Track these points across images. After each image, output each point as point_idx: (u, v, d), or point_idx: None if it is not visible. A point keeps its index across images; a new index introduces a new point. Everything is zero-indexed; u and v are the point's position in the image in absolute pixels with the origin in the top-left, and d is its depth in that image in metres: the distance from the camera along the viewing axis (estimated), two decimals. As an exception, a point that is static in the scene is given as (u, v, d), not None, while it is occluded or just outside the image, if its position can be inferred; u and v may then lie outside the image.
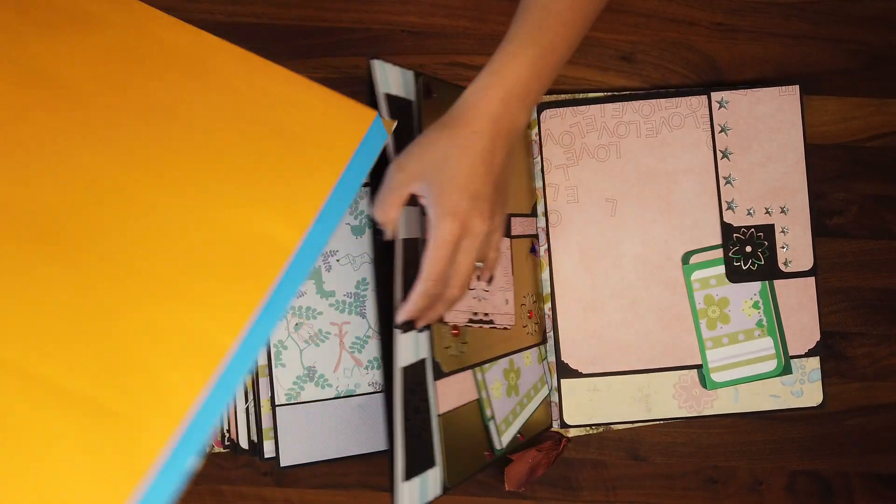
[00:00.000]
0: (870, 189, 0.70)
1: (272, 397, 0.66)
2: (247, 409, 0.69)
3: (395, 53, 0.70)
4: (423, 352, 0.54)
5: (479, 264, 0.57)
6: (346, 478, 0.71)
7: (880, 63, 0.71)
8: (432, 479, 0.54)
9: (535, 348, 0.69)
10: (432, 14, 0.70)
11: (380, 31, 0.70)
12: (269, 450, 0.68)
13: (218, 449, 0.70)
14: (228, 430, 0.69)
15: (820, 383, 0.70)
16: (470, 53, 0.70)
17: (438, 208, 0.48)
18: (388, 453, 0.53)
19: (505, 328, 0.64)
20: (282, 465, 0.67)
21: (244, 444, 0.69)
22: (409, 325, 0.52)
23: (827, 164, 0.70)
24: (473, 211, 0.48)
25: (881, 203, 0.70)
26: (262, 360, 0.68)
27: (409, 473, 0.52)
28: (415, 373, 0.53)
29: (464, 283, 0.51)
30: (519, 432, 0.65)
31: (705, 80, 0.71)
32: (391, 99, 0.55)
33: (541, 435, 0.70)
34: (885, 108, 0.70)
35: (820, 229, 0.70)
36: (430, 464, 0.54)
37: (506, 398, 0.64)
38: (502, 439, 0.63)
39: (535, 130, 0.70)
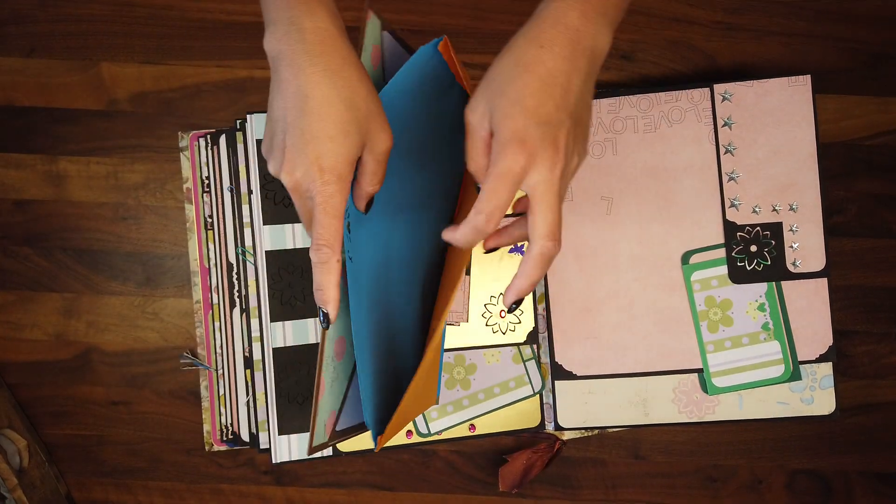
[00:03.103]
0: (870, 188, 0.70)
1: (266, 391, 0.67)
2: (247, 402, 0.69)
3: (394, 52, 0.70)
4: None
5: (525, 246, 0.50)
6: (345, 476, 0.71)
7: (881, 62, 0.70)
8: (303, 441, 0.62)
9: (511, 348, 0.68)
10: (432, 13, 0.70)
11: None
12: (264, 441, 0.68)
13: (218, 448, 0.70)
14: (230, 424, 0.69)
15: (832, 390, 0.67)
16: (470, 52, 0.70)
17: (502, 134, 0.40)
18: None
19: (449, 324, 0.66)
20: (274, 462, 0.67)
21: (245, 436, 0.69)
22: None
23: (827, 163, 0.70)
24: (545, 139, 0.40)
25: (881, 202, 0.70)
26: (258, 356, 0.68)
27: (283, 430, 0.62)
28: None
29: (554, 232, 0.43)
30: (470, 423, 0.69)
31: (706, 78, 0.71)
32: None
33: (531, 435, 0.70)
34: (886, 107, 0.70)
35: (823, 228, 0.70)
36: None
37: (445, 390, 0.68)
38: (431, 426, 0.68)
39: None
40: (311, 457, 0.68)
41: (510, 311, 0.46)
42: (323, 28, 0.40)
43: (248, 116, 0.66)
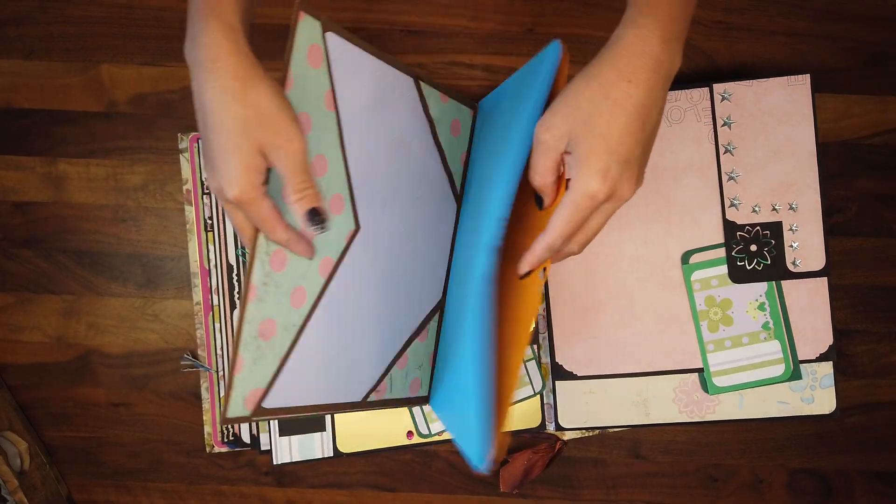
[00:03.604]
0: (870, 187, 0.70)
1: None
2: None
3: (394, 52, 0.70)
4: None
5: None
6: (346, 477, 0.71)
7: (880, 61, 0.70)
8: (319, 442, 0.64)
9: None
10: (432, 14, 0.70)
11: (379, 31, 0.70)
12: (265, 442, 0.68)
13: (219, 449, 0.70)
14: (231, 426, 0.69)
15: (833, 389, 0.68)
16: (470, 53, 0.70)
17: (587, 168, 0.43)
18: None
19: None
20: (275, 463, 0.67)
21: (246, 438, 0.69)
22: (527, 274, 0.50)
23: (827, 163, 0.70)
24: (623, 175, 0.44)
25: (881, 201, 0.70)
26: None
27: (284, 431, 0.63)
28: None
29: (588, 242, 0.48)
30: None
31: (705, 77, 0.71)
32: None
33: (532, 435, 0.70)
34: (885, 106, 0.70)
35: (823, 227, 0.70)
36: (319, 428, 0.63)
37: None
38: (432, 427, 0.68)
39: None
40: (310, 458, 0.68)
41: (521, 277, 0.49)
42: (215, 43, 0.41)
43: (247, 118, 0.66)
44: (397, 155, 0.58)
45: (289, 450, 0.68)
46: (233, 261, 0.69)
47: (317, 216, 0.47)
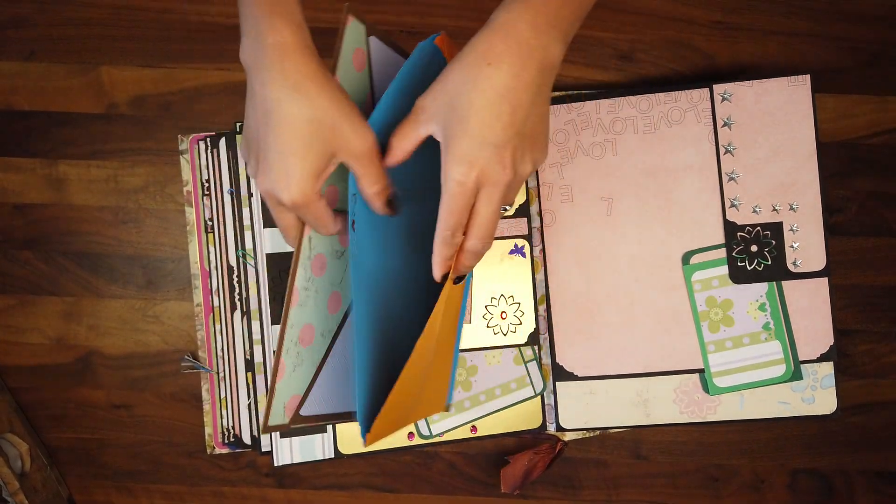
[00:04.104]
0: (870, 187, 0.70)
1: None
2: (249, 405, 0.69)
3: (394, 54, 0.70)
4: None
5: (507, 208, 0.53)
6: (347, 478, 0.71)
7: (880, 60, 0.70)
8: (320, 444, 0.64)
9: (512, 349, 0.68)
10: (431, 14, 0.70)
11: (379, 32, 0.70)
12: (266, 444, 0.68)
13: (220, 450, 0.70)
14: (232, 427, 0.69)
15: (834, 390, 0.67)
16: (469, 53, 0.70)
17: (450, 155, 0.42)
18: None
19: None
20: (276, 465, 0.67)
21: (246, 439, 0.69)
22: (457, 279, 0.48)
23: (827, 162, 0.70)
24: (492, 159, 0.42)
25: (881, 201, 0.70)
26: (259, 358, 0.68)
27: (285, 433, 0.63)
28: None
29: (487, 234, 0.46)
30: (472, 424, 0.69)
31: (705, 78, 0.71)
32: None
33: (532, 436, 0.70)
34: (885, 106, 0.70)
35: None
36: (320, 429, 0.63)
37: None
38: (433, 428, 0.68)
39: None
40: (310, 459, 0.68)
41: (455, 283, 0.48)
42: (284, 43, 0.41)
43: (247, 119, 0.66)
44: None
45: (290, 451, 0.68)
46: (233, 262, 0.69)
47: (394, 202, 0.48)
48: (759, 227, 0.68)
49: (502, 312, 0.69)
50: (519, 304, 0.69)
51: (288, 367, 0.49)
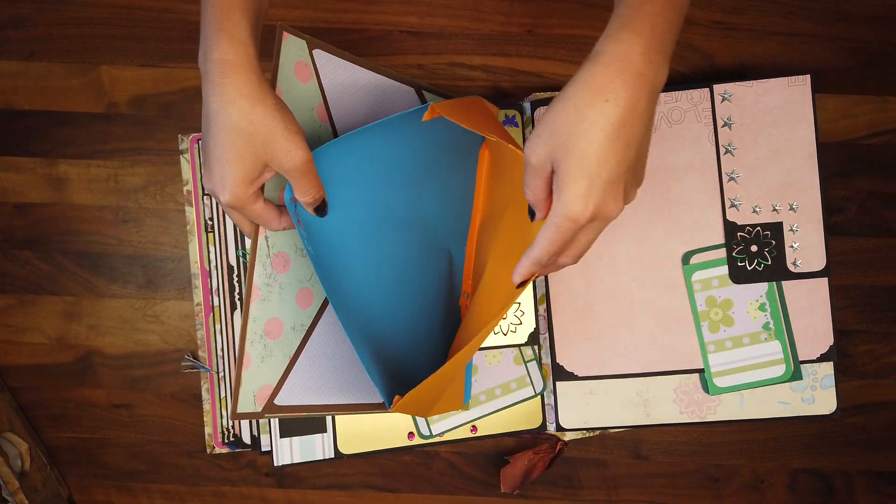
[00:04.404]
0: (870, 187, 0.70)
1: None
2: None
3: (395, 53, 0.70)
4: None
5: None
6: (347, 478, 0.71)
7: (880, 60, 0.70)
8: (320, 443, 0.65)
9: (512, 349, 0.68)
10: (432, 14, 0.70)
11: (380, 32, 0.70)
12: (266, 443, 0.68)
13: (220, 450, 0.70)
14: (232, 427, 0.69)
15: (833, 390, 0.67)
16: (470, 53, 0.70)
17: (567, 193, 0.43)
18: None
19: None
20: (276, 465, 0.67)
21: (246, 439, 0.69)
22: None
23: (827, 163, 0.70)
24: (607, 197, 0.43)
25: (881, 201, 0.70)
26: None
27: (285, 432, 0.65)
28: None
29: (581, 256, 0.47)
30: (472, 424, 0.68)
31: (705, 78, 0.71)
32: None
33: (532, 436, 0.70)
34: (886, 106, 0.70)
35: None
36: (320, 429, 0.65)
37: None
38: (433, 428, 0.68)
39: (530, 128, 0.70)
40: (310, 459, 0.68)
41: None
42: (225, 60, 0.43)
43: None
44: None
45: (290, 451, 0.68)
46: (233, 261, 0.69)
47: (323, 208, 0.52)
48: (759, 227, 0.68)
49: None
50: (519, 303, 0.69)
51: (255, 359, 0.53)
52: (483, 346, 0.68)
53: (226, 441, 0.69)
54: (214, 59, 0.43)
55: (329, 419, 0.68)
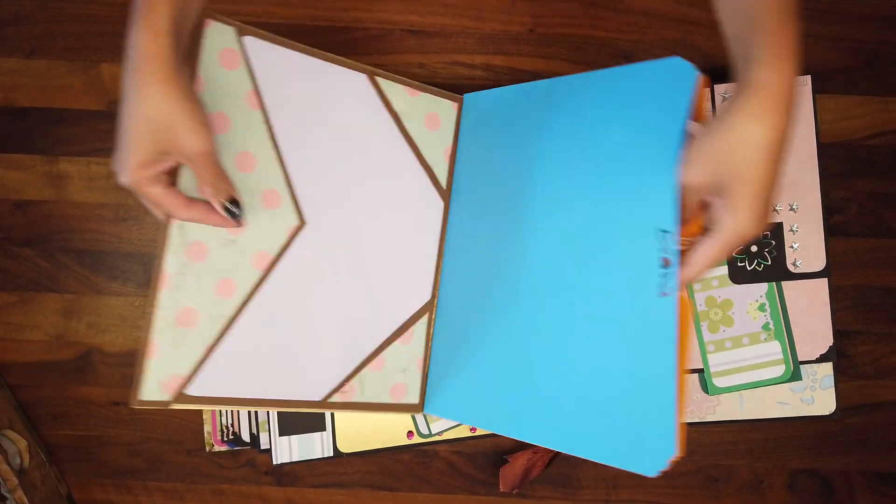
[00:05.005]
0: (870, 187, 0.70)
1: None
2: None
3: (395, 52, 0.70)
4: None
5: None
6: (346, 477, 0.71)
7: (881, 61, 0.70)
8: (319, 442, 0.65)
9: None
10: (433, 13, 0.70)
11: (380, 30, 0.70)
12: (265, 442, 0.68)
13: (219, 448, 0.70)
14: (231, 425, 0.69)
15: (833, 390, 0.68)
16: (471, 53, 0.70)
17: (740, 214, 0.46)
18: None
19: None
20: (275, 463, 0.67)
21: (246, 437, 0.69)
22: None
23: (827, 163, 0.70)
24: (766, 212, 0.46)
25: (882, 201, 0.70)
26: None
27: (284, 431, 0.63)
28: None
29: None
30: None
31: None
32: None
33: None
34: (886, 107, 0.70)
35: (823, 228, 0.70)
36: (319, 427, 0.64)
37: None
38: (432, 427, 0.68)
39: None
40: (310, 458, 0.68)
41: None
42: (139, 46, 0.45)
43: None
44: (350, 152, 0.59)
45: (288, 449, 0.68)
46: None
47: (233, 206, 0.52)
48: (759, 228, 0.68)
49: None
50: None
51: (162, 347, 0.52)
52: None
53: (225, 439, 0.69)
54: (132, 47, 0.45)
55: (328, 418, 0.68)
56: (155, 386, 0.52)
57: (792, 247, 0.68)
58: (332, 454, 0.68)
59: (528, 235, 0.59)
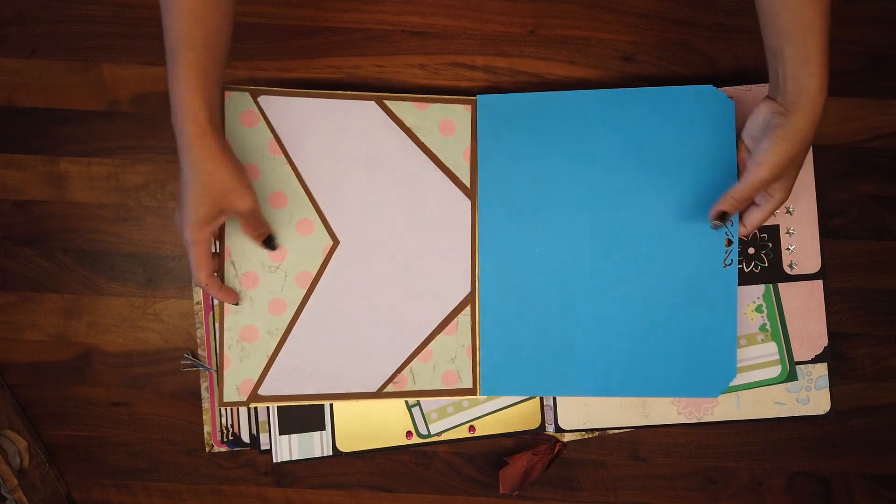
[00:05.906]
0: (870, 190, 0.70)
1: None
2: (247, 408, 0.69)
3: (396, 53, 0.70)
4: None
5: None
6: (345, 477, 0.71)
7: (881, 64, 0.70)
8: (318, 440, 0.69)
9: None
10: (433, 14, 0.70)
11: (381, 32, 0.70)
12: (265, 442, 0.68)
13: (219, 449, 0.70)
14: (231, 425, 0.69)
15: (828, 391, 0.68)
16: (471, 54, 0.70)
17: (786, 192, 0.61)
18: None
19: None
20: (275, 463, 0.67)
21: (245, 437, 0.69)
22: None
23: (827, 165, 0.70)
24: (791, 184, 0.61)
25: (882, 204, 0.70)
26: (263, 360, 0.68)
27: (283, 431, 0.68)
28: None
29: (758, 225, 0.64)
30: (470, 424, 0.69)
31: (706, 81, 0.71)
32: None
33: (531, 437, 0.70)
34: (886, 109, 0.70)
35: (820, 230, 0.70)
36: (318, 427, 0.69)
37: None
38: (431, 427, 0.69)
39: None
40: (309, 457, 0.68)
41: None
42: (187, 132, 0.55)
43: (249, 118, 0.67)
44: (371, 173, 0.67)
45: (288, 448, 0.68)
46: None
47: (270, 242, 0.64)
48: (755, 230, 0.68)
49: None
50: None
51: (234, 360, 0.65)
52: None
53: (225, 440, 0.69)
54: (180, 132, 0.55)
55: (328, 417, 0.68)
56: (234, 390, 0.65)
57: (788, 249, 0.68)
58: (331, 453, 0.68)
59: (565, 227, 0.67)
